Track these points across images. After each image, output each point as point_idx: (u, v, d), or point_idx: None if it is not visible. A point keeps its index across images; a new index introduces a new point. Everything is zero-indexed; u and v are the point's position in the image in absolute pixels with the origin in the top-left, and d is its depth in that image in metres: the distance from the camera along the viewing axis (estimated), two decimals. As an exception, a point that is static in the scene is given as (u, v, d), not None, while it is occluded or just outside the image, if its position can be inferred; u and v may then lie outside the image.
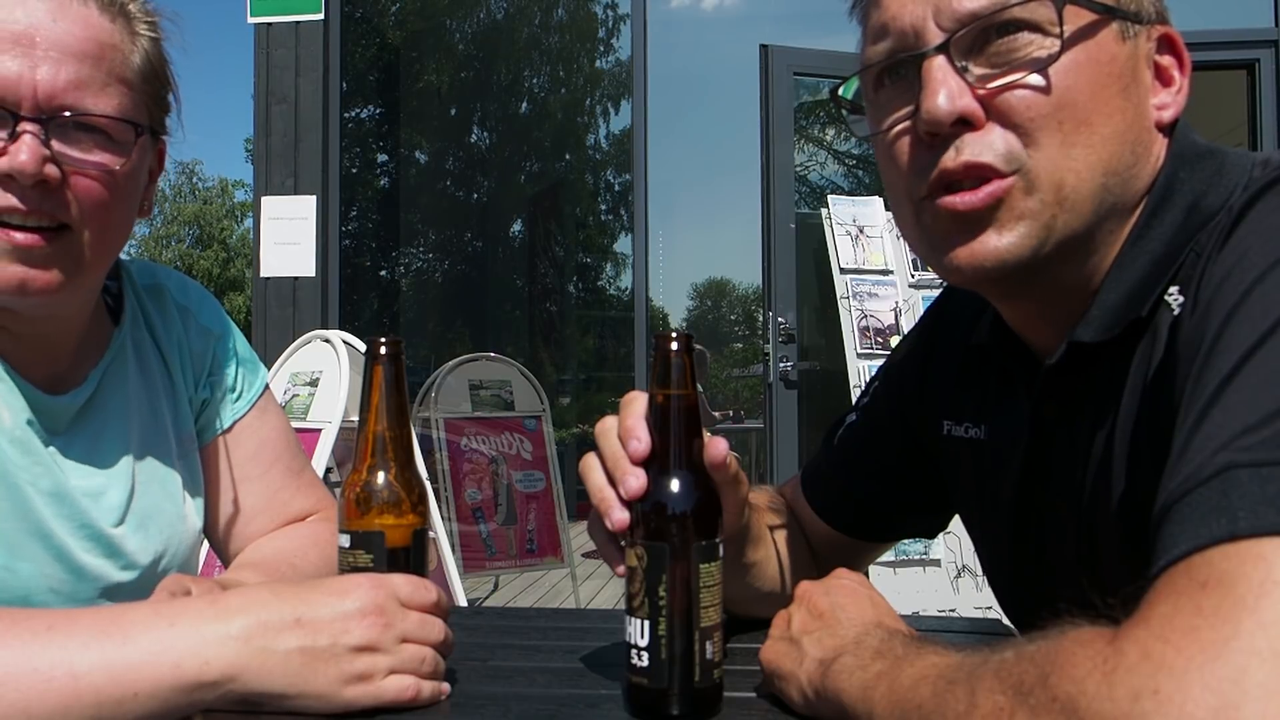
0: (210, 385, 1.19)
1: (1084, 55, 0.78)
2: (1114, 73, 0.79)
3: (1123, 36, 0.80)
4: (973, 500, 1.03)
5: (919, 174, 0.82)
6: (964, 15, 0.79)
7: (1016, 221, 0.79)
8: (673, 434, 0.79)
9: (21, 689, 0.69)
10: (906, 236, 0.89)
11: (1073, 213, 0.79)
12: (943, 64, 0.79)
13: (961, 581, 3.71)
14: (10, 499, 0.97)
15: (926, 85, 0.79)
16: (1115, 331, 0.80)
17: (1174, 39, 0.85)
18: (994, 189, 0.79)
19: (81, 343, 1.07)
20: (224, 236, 28.89)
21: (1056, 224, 0.79)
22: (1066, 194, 0.78)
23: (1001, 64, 0.79)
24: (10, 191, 0.90)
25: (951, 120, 0.78)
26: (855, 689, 0.70)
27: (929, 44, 0.80)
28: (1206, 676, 0.49)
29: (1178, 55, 0.85)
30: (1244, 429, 0.56)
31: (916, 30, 0.81)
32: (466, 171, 10.54)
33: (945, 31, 0.79)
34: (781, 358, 4.36)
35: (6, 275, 0.92)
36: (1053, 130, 0.77)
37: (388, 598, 0.79)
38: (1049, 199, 0.78)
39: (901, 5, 0.82)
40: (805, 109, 6.66)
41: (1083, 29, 0.78)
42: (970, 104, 0.78)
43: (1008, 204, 0.79)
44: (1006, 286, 0.84)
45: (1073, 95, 0.77)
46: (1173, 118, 0.84)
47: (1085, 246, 0.81)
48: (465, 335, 9.73)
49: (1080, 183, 0.78)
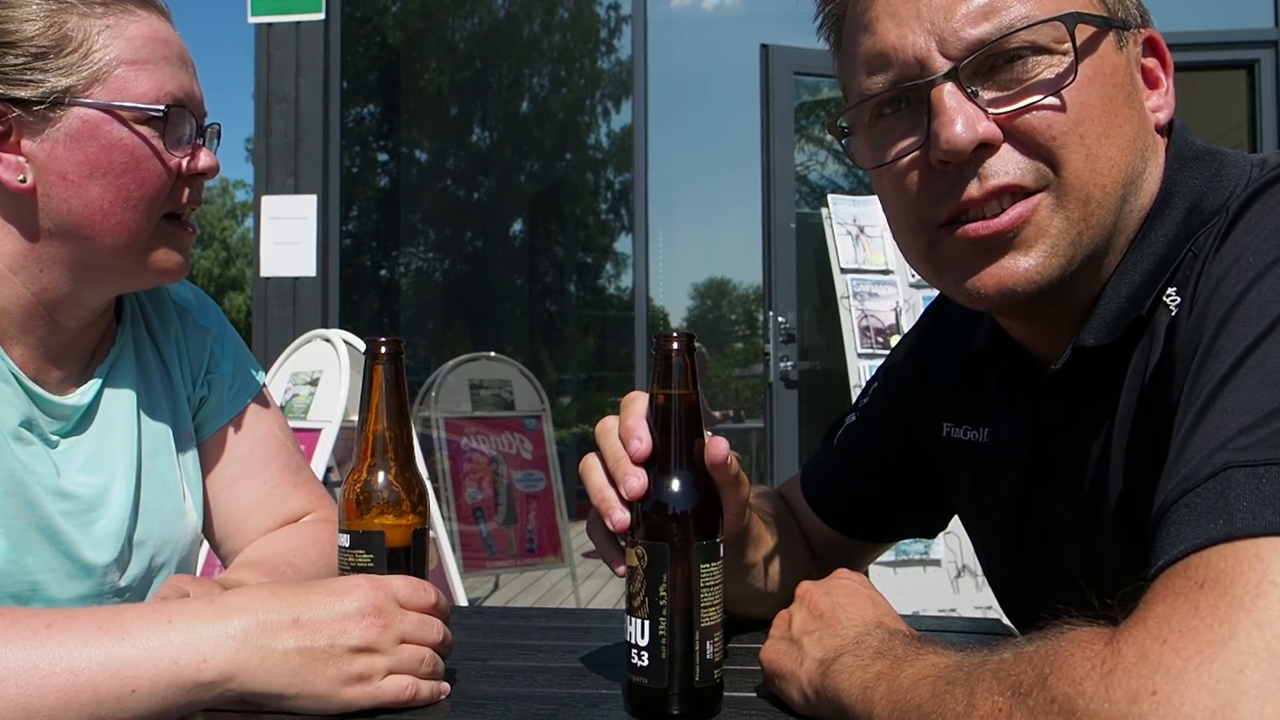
0: (208, 383, 1.20)
1: (1092, 69, 0.78)
2: (1118, 82, 0.80)
3: (1119, 45, 0.81)
4: (973, 502, 1.03)
5: (936, 203, 0.81)
6: (971, 43, 0.78)
7: (1041, 240, 0.78)
8: (673, 434, 0.79)
9: (21, 685, 0.70)
10: (916, 265, 0.88)
11: (1098, 227, 0.79)
12: (954, 91, 0.78)
13: (961, 581, 3.71)
14: (18, 496, 0.98)
15: (940, 114, 0.78)
16: (1118, 334, 0.80)
17: (1156, 40, 0.85)
18: (1021, 210, 0.78)
19: (94, 342, 1.10)
20: (225, 236, 28.89)
21: (1083, 240, 0.79)
22: (1093, 209, 0.78)
23: (1014, 86, 0.78)
24: (193, 189, 1.05)
25: (973, 147, 0.77)
26: (855, 689, 0.70)
27: (936, 72, 0.79)
28: (1204, 677, 0.49)
29: (1160, 57, 0.85)
30: (1241, 429, 0.57)
31: (921, 60, 0.80)
32: (467, 171, 10.53)
33: (951, 60, 0.79)
34: (782, 357, 4.36)
35: (179, 261, 1.07)
36: (1076, 146, 0.77)
37: (386, 599, 0.79)
38: (1075, 215, 0.78)
39: (901, 36, 0.80)
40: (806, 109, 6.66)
41: (1087, 43, 0.78)
42: (989, 128, 0.78)
43: (1033, 223, 0.78)
44: (1032, 308, 0.83)
45: (1089, 110, 0.78)
46: (1167, 118, 0.84)
47: (1103, 256, 0.81)
48: (465, 335, 9.72)
49: (1105, 196, 0.78)
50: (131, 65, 0.99)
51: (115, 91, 0.98)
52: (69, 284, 1.02)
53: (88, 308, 1.06)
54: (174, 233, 1.05)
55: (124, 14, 1.00)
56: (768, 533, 1.07)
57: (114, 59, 0.98)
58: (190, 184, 1.05)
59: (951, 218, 0.81)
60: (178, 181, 1.03)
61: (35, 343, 1.03)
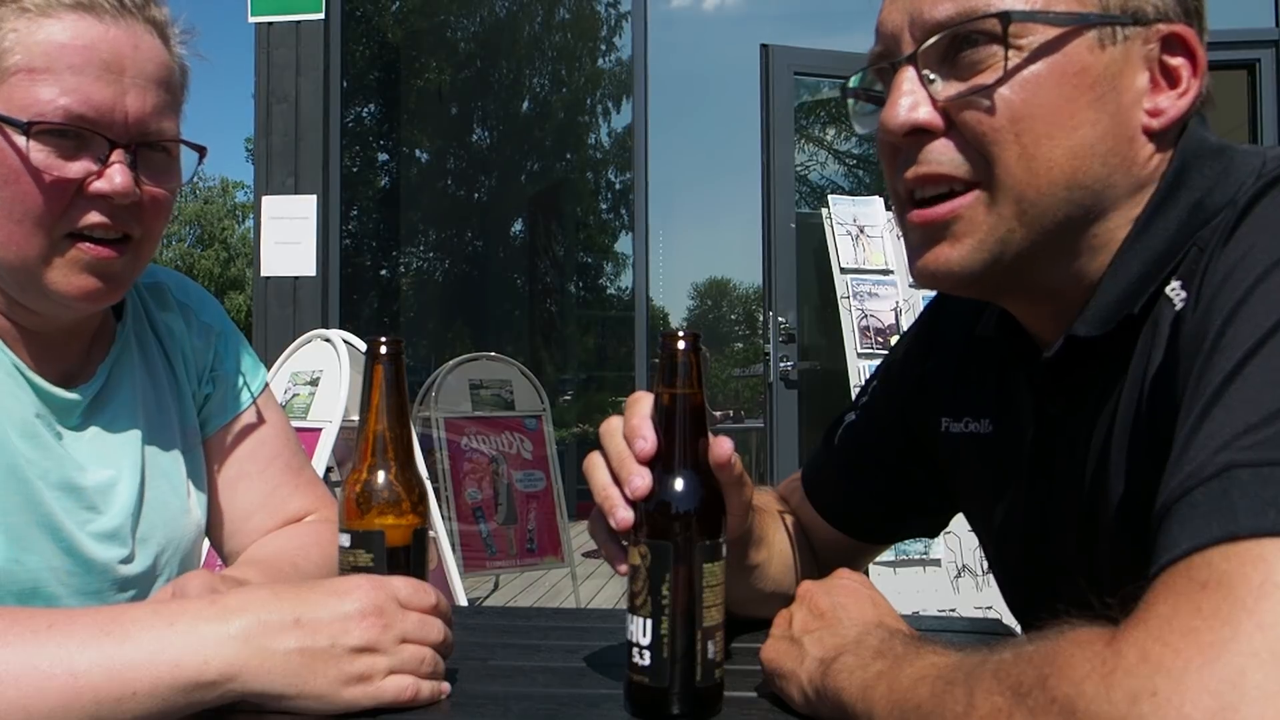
0: (212, 381, 1.21)
1: (1046, 68, 0.77)
2: (1084, 84, 0.77)
3: (1101, 44, 0.78)
4: (977, 496, 1.02)
5: (893, 179, 0.85)
6: (931, 25, 0.79)
7: (970, 235, 0.80)
8: (678, 433, 0.79)
9: (21, 687, 0.69)
10: None
11: (1032, 227, 0.79)
12: (910, 74, 0.80)
13: (961, 581, 3.71)
14: (20, 492, 0.98)
15: (890, 94, 0.81)
16: (1111, 326, 0.79)
17: (1185, 38, 0.80)
18: (954, 205, 0.80)
19: (89, 339, 1.10)
20: (225, 236, 28.90)
21: (1014, 238, 0.80)
22: (1026, 208, 0.78)
23: (966, 75, 0.79)
24: (100, 210, 0.97)
25: (903, 130, 0.80)
26: (855, 688, 0.70)
27: (903, 52, 0.81)
28: (1205, 678, 0.49)
29: (1190, 54, 0.80)
30: (1245, 428, 0.56)
31: (896, 37, 0.82)
32: (467, 171, 10.54)
33: (916, 41, 0.80)
34: (782, 357, 4.36)
35: (80, 285, 0.98)
36: (1010, 144, 0.77)
37: (387, 599, 0.79)
38: (1007, 213, 0.79)
39: (889, 11, 0.83)
40: (806, 109, 6.67)
41: (1050, 42, 0.77)
42: (927, 115, 0.79)
43: (967, 218, 0.80)
44: (976, 291, 0.86)
45: (1030, 109, 0.77)
46: (1170, 121, 0.80)
47: (1058, 252, 0.81)
48: (465, 334, 9.73)
49: (1041, 197, 0.78)
50: (30, 74, 0.93)
51: (4, 100, 0.93)
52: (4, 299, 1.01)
53: (54, 319, 1.04)
54: (75, 256, 0.97)
55: (43, 16, 0.94)
56: (770, 533, 1.07)
57: (13, 65, 0.93)
58: (96, 205, 0.96)
59: (907, 194, 0.84)
60: (78, 200, 0.96)
61: (28, 342, 1.03)
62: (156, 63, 0.99)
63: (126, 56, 0.96)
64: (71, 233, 0.97)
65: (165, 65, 1.01)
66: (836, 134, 8.45)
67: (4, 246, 0.96)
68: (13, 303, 1.02)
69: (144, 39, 0.99)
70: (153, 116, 0.99)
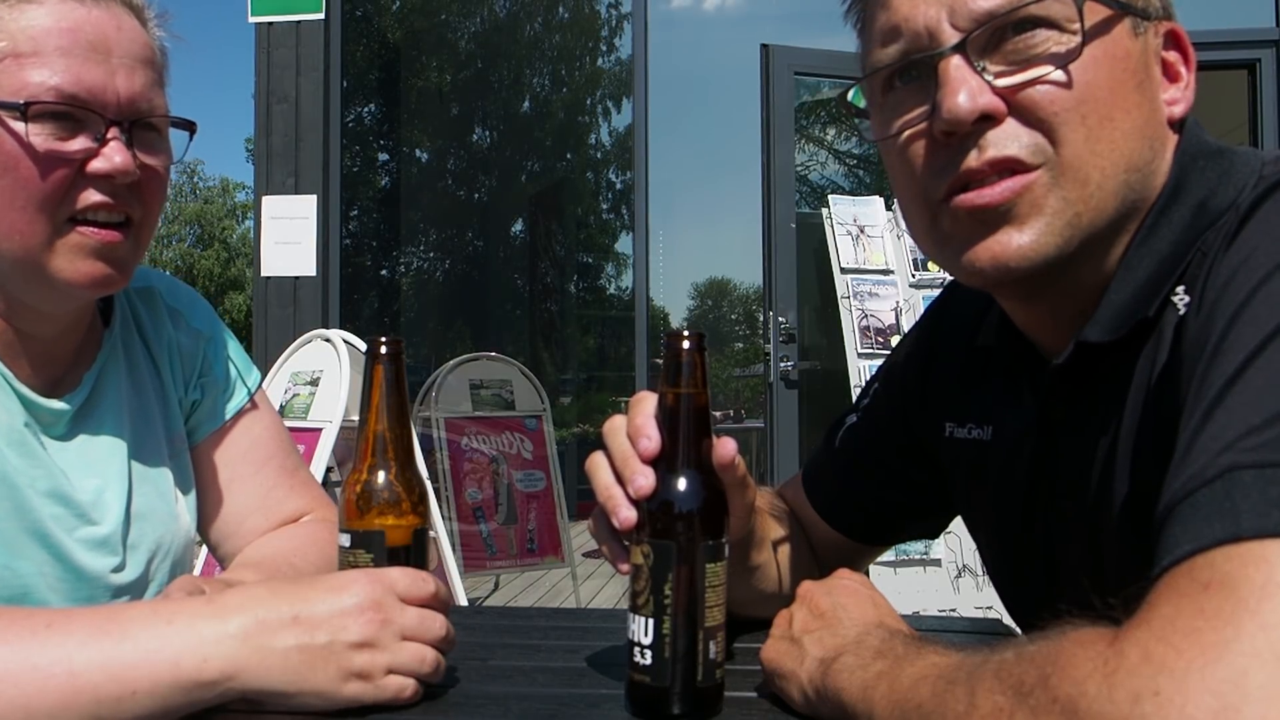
0: (201, 386, 1.20)
1: (1101, 51, 0.78)
2: (1130, 68, 0.79)
3: (1134, 32, 0.80)
4: (976, 502, 1.02)
5: (936, 175, 0.81)
6: (980, 14, 0.78)
7: (1038, 216, 0.78)
8: (682, 433, 0.79)
9: (20, 686, 0.69)
10: (920, 241, 0.88)
11: (1098, 209, 0.78)
12: (960, 63, 0.78)
13: (961, 581, 3.71)
14: (10, 500, 0.98)
15: (945, 85, 0.78)
16: (1122, 332, 0.79)
17: (1179, 35, 0.84)
18: (1014, 183, 0.78)
19: (77, 346, 1.09)
20: (225, 236, 28.90)
21: (1082, 220, 0.78)
22: (1092, 190, 0.78)
23: (1020, 61, 0.78)
24: (100, 190, 0.96)
25: (974, 118, 0.77)
26: (855, 688, 0.70)
27: (945, 44, 0.79)
28: (1207, 678, 0.49)
29: (1183, 51, 0.84)
30: (1248, 430, 0.56)
31: (931, 31, 0.80)
32: (467, 171, 10.54)
33: (961, 31, 0.79)
34: (782, 357, 4.36)
35: (87, 271, 0.97)
36: (1077, 125, 0.77)
37: (385, 593, 0.79)
38: (1073, 195, 0.77)
39: (913, 6, 0.81)
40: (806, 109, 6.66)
41: (1099, 24, 0.78)
42: (992, 100, 0.77)
43: (1029, 198, 0.78)
44: (1029, 287, 0.83)
45: (1094, 90, 0.77)
46: (1182, 113, 0.83)
47: (1105, 244, 0.81)
48: (466, 334, 9.73)
49: (1105, 178, 0.78)
50: (18, 59, 0.93)
51: None
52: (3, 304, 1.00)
53: (50, 318, 1.04)
54: (79, 241, 0.96)
55: (24, 2, 0.94)
56: (772, 534, 1.07)
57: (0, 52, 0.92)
58: (96, 185, 0.96)
59: (951, 190, 0.80)
60: (78, 181, 0.95)
61: (15, 350, 1.02)
62: (140, 42, 1.00)
63: (111, 37, 0.97)
64: (73, 217, 0.96)
65: (148, 45, 1.01)
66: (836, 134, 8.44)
67: (6, 237, 0.95)
68: (12, 305, 1.01)
69: (125, 20, 0.99)
70: (143, 94, 0.99)
